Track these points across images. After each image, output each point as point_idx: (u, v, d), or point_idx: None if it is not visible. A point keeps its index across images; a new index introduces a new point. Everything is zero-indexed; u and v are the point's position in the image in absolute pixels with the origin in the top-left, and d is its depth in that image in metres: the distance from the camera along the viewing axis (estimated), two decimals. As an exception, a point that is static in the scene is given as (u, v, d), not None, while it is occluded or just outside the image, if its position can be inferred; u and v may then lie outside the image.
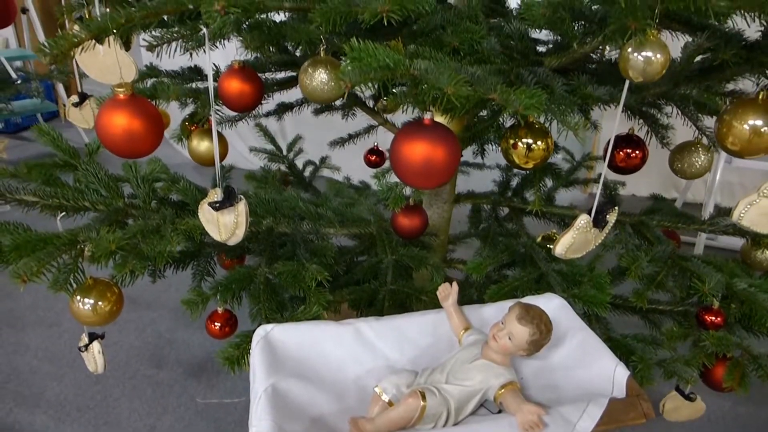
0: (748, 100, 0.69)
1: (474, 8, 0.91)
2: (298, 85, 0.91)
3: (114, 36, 0.86)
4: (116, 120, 0.66)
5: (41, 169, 0.99)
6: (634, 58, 0.57)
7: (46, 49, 0.59)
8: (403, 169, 0.70)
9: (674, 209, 1.33)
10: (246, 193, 1.27)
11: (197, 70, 1.21)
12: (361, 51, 0.64)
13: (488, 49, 0.85)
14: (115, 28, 0.63)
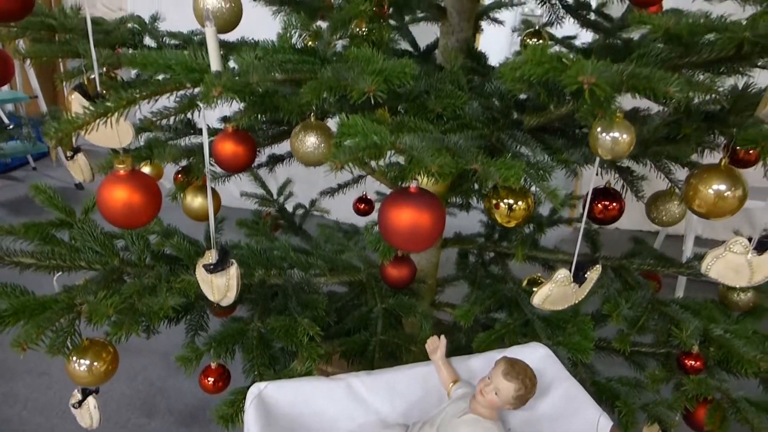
0: (712, 166, 0.74)
1: (456, 73, 0.96)
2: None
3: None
4: (116, 195, 0.69)
5: (37, 229, 1.01)
6: (603, 138, 0.61)
7: (51, 133, 0.62)
8: (391, 234, 0.74)
9: (654, 251, 1.38)
10: (238, 245, 1.30)
11: (190, 124, 1.25)
12: (350, 127, 0.69)
13: (470, 114, 0.89)
14: (118, 109, 0.66)
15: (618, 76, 0.56)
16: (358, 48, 0.83)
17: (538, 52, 0.59)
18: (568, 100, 0.79)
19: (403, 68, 0.76)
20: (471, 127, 0.88)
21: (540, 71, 0.59)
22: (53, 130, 0.62)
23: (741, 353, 0.97)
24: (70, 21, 1.07)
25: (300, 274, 1.23)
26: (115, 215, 0.70)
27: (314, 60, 0.88)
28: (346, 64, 0.84)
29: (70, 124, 0.63)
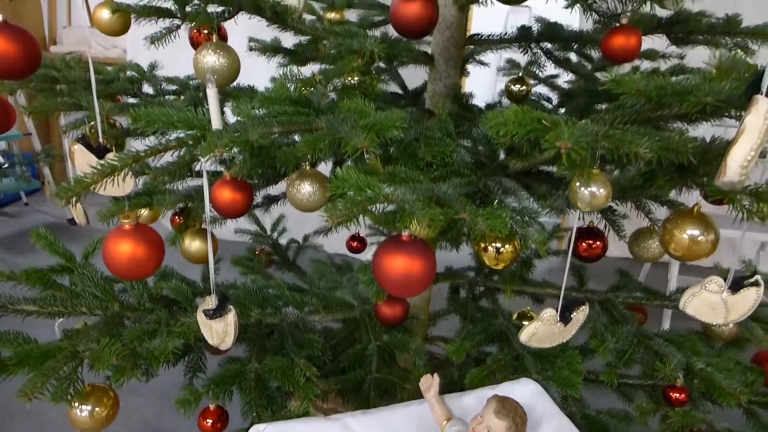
0: (686, 212, 0.79)
1: (445, 120, 1.01)
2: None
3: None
4: (122, 248, 0.72)
5: (39, 275, 1.03)
6: (581, 192, 0.66)
7: (62, 193, 0.66)
8: (385, 281, 0.78)
9: (639, 284, 1.42)
10: (234, 284, 1.32)
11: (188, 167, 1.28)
12: (344, 181, 0.73)
13: (458, 160, 0.94)
14: (125, 167, 0.70)
15: (593, 138, 0.61)
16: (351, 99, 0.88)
17: (521, 114, 0.64)
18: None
19: (394, 122, 0.80)
20: (459, 174, 0.92)
21: (522, 131, 0.64)
22: (64, 191, 0.66)
23: (723, 386, 1.00)
24: (72, 73, 1.11)
25: (295, 313, 1.26)
26: (120, 268, 0.73)
27: (309, 111, 0.93)
28: (340, 116, 0.88)
29: (80, 185, 0.67)
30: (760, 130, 0.44)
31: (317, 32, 1.09)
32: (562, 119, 0.65)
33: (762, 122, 0.44)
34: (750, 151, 0.44)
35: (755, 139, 0.44)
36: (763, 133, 0.44)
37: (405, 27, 0.85)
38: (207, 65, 0.90)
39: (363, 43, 0.90)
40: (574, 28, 1.25)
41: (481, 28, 1.52)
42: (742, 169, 0.45)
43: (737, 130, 0.46)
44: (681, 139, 0.67)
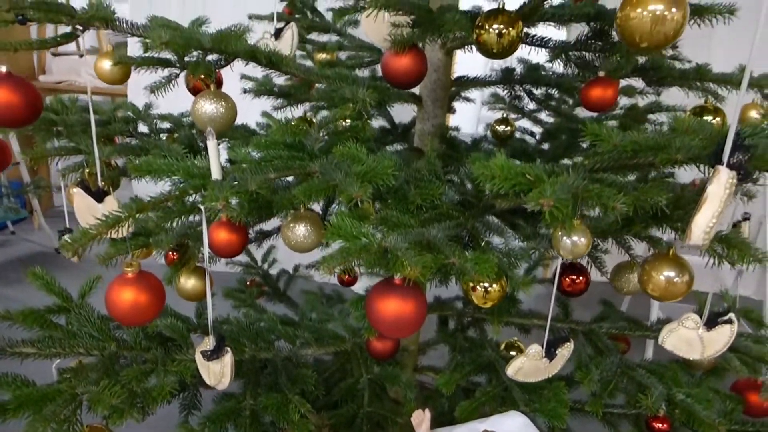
0: (662, 254, 0.84)
1: (433, 163, 1.06)
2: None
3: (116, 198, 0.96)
4: (124, 296, 0.75)
5: (35, 315, 1.05)
6: (563, 241, 0.70)
7: (68, 246, 0.68)
8: (377, 322, 0.81)
9: (621, 314, 1.47)
10: (228, 320, 1.35)
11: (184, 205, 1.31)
12: (339, 228, 0.76)
13: (446, 203, 0.98)
14: (129, 218, 0.73)
15: (573, 194, 0.65)
16: (344, 144, 0.92)
17: (506, 168, 0.68)
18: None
19: (386, 169, 0.85)
20: (448, 215, 0.96)
21: (507, 185, 0.68)
22: (70, 244, 0.68)
23: (702, 417, 1.04)
24: (70, 116, 1.14)
25: (288, 347, 1.28)
26: (123, 315, 0.75)
27: (303, 155, 0.97)
28: (333, 160, 0.92)
29: (86, 237, 0.69)
30: (720, 199, 0.48)
31: (310, 75, 1.13)
32: (544, 173, 0.69)
33: (722, 192, 0.48)
34: (712, 218, 0.48)
35: (716, 208, 0.48)
36: (723, 202, 0.48)
37: (396, 79, 0.89)
38: (205, 113, 0.94)
39: (355, 92, 0.94)
40: (556, 68, 1.31)
41: (465, 67, 1.58)
42: (705, 234, 0.49)
43: (701, 198, 0.50)
44: (655, 190, 0.72)
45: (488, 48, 0.83)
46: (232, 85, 1.19)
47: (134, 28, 0.96)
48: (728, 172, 0.49)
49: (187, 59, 0.96)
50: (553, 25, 0.98)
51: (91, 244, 0.81)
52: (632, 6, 0.63)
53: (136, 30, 0.96)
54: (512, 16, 0.83)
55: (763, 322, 1.43)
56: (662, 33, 0.62)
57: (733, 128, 0.52)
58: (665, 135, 0.71)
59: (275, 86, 1.29)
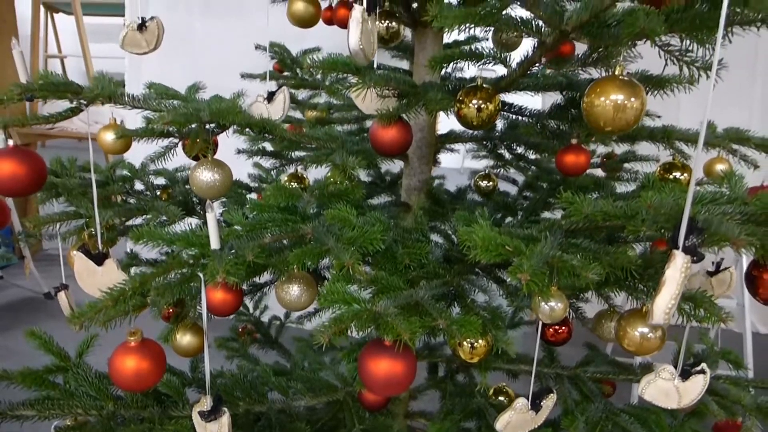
0: (636, 311, 0.89)
1: (420, 222, 1.11)
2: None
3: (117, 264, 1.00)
4: (127, 364, 0.78)
5: (34, 376, 1.07)
6: (542, 306, 0.75)
7: (75, 319, 0.72)
8: (369, 381, 0.85)
9: (606, 357, 1.51)
10: (222, 372, 1.37)
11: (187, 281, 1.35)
12: (332, 294, 0.81)
13: (433, 261, 1.03)
14: (133, 291, 0.77)
15: (550, 262, 0.71)
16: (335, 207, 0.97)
17: (487, 240, 0.74)
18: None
19: (375, 234, 0.90)
20: (435, 274, 1.01)
21: (488, 256, 0.74)
22: (77, 317, 0.72)
23: (683, 463, 1.08)
24: (71, 181, 1.18)
25: (281, 399, 1.31)
26: (126, 383, 0.78)
27: (296, 218, 1.02)
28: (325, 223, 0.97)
29: (92, 310, 0.73)
30: (678, 282, 0.54)
31: (301, 139, 1.19)
32: (522, 243, 0.75)
33: (679, 275, 0.54)
34: (670, 299, 0.54)
35: (674, 290, 0.54)
36: (680, 284, 0.54)
37: (383, 149, 0.95)
38: (203, 182, 0.99)
39: (345, 158, 1.00)
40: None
41: (449, 122, 1.66)
42: (665, 314, 0.55)
43: (660, 280, 0.56)
44: (626, 256, 0.78)
45: (468, 121, 0.90)
46: (226, 142, 1.24)
47: (136, 101, 1.02)
48: (683, 256, 0.54)
49: (185, 129, 1.02)
50: (530, 94, 1.05)
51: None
52: (596, 95, 0.70)
53: (137, 103, 1.01)
54: (490, 91, 0.89)
55: (741, 363, 1.48)
56: (624, 119, 0.69)
57: (688, 210, 0.58)
58: (632, 206, 0.78)
59: (268, 144, 1.35)
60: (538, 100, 1.28)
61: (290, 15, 1.23)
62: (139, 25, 1.18)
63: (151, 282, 0.80)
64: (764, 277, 0.74)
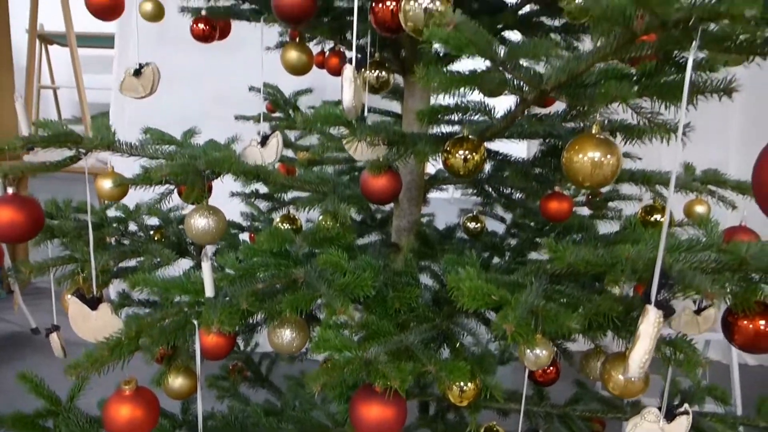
0: (620, 355, 0.92)
1: (410, 265, 1.14)
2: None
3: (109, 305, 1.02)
4: (122, 412, 0.79)
5: (25, 421, 1.07)
6: (527, 354, 0.78)
7: (72, 371, 0.74)
8: (360, 426, 0.86)
9: (595, 394, 1.53)
10: (213, 414, 1.37)
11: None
12: (325, 342, 0.83)
13: (423, 305, 1.06)
14: (129, 340, 0.79)
15: (534, 311, 0.73)
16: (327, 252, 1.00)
17: (474, 290, 0.77)
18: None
19: (365, 281, 0.93)
20: (424, 318, 1.03)
21: (474, 305, 0.76)
22: (74, 368, 0.73)
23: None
24: (67, 224, 1.20)
25: (273, 441, 1.31)
26: (119, 431, 0.79)
27: (288, 262, 1.04)
28: (317, 268, 1.00)
29: (90, 361, 0.75)
30: (651, 336, 0.57)
31: (294, 183, 1.22)
32: (507, 292, 0.78)
33: (652, 330, 0.57)
34: (644, 354, 0.57)
35: (648, 345, 0.57)
36: (654, 339, 0.57)
37: (373, 197, 0.98)
38: (198, 228, 1.01)
39: (336, 205, 1.03)
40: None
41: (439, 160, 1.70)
42: (640, 368, 0.57)
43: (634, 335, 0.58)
44: (608, 303, 0.81)
45: (455, 171, 0.93)
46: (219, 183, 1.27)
47: (134, 149, 1.05)
48: (656, 311, 0.57)
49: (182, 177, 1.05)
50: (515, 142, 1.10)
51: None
52: (575, 151, 0.74)
53: (135, 151, 1.04)
54: (476, 142, 0.93)
55: (728, 399, 1.50)
56: (601, 175, 0.73)
57: (659, 265, 0.61)
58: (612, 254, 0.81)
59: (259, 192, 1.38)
60: (524, 144, 1.33)
61: (284, 63, 1.28)
62: (135, 70, 1.22)
63: (147, 330, 0.81)
64: (739, 324, 0.77)
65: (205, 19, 1.17)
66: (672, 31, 0.54)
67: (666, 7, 0.49)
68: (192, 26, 1.18)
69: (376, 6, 0.89)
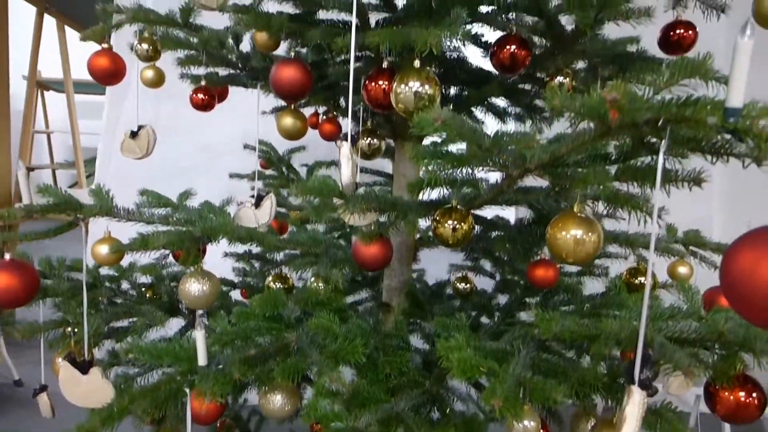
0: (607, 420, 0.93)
1: (400, 328, 1.16)
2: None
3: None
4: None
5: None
6: (516, 425, 0.79)
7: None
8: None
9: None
10: (200, 477, 1.35)
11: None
12: (316, 411, 0.84)
13: (413, 369, 1.07)
14: (120, 410, 0.79)
15: (522, 382, 0.75)
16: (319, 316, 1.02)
17: (462, 363, 0.78)
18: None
19: (356, 348, 0.94)
20: (415, 383, 1.05)
21: (464, 377, 0.78)
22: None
23: None
24: (62, 286, 1.21)
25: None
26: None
27: (280, 326, 1.06)
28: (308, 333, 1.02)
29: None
30: (636, 418, 0.59)
31: (287, 245, 1.25)
32: (496, 365, 0.80)
33: (637, 411, 0.59)
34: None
35: (634, 426, 0.59)
36: (639, 420, 0.59)
37: (365, 265, 1.01)
38: (192, 293, 1.03)
39: (328, 270, 1.06)
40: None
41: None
42: (626, 451, 0.60)
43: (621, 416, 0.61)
44: (593, 374, 0.83)
45: (444, 240, 0.96)
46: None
47: (131, 214, 1.07)
48: (640, 393, 0.60)
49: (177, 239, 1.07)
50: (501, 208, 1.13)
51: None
52: (558, 229, 0.77)
53: (133, 216, 1.07)
54: (464, 212, 0.97)
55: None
56: (584, 252, 0.76)
57: (641, 346, 0.64)
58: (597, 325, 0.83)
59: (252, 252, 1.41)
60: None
61: (279, 129, 1.32)
62: (132, 132, 1.26)
63: (139, 400, 0.82)
64: (720, 395, 0.79)
65: (204, 88, 1.22)
66: (643, 128, 0.59)
67: (635, 112, 0.53)
68: (191, 96, 1.23)
69: (368, 84, 0.94)
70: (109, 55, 1.20)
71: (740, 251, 0.42)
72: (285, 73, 0.95)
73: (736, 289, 0.42)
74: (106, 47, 1.19)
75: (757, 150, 0.48)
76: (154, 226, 1.10)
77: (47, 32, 4.14)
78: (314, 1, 1.04)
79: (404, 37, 0.81)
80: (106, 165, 2.97)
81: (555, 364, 0.86)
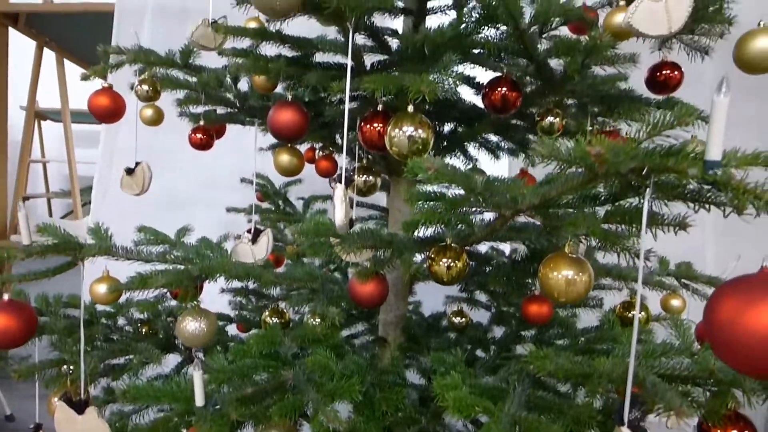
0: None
1: (396, 365, 1.16)
2: None
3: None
4: None
5: None
6: (512, 465, 0.80)
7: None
8: None
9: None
10: None
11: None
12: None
13: (410, 405, 1.07)
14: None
15: (517, 422, 0.76)
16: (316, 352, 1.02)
17: (459, 400, 0.79)
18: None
19: (353, 386, 0.95)
20: (411, 420, 1.05)
21: (461, 415, 0.79)
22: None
23: None
24: (59, 323, 1.21)
25: None
26: None
27: (277, 363, 1.06)
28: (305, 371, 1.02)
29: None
30: (627, 460, 0.60)
31: (283, 281, 1.26)
32: (491, 404, 0.81)
33: (628, 453, 0.60)
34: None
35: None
36: (629, 462, 0.60)
37: (361, 303, 1.02)
38: (189, 332, 1.04)
39: (325, 308, 1.07)
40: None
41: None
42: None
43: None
44: (587, 411, 0.84)
45: (439, 278, 0.98)
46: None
47: (130, 252, 1.09)
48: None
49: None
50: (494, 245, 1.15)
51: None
52: (550, 269, 0.79)
53: (132, 255, 1.08)
54: (458, 250, 0.99)
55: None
56: (575, 291, 0.78)
57: (629, 386, 0.65)
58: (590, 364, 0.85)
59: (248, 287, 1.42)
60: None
61: (276, 166, 1.35)
62: (129, 169, 1.28)
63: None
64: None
65: (202, 128, 1.24)
66: (629, 175, 0.61)
67: (620, 163, 0.56)
68: (190, 136, 1.25)
69: (364, 126, 0.97)
70: (109, 94, 1.23)
71: (721, 302, 0.44)
72: (282, 117, 0.98)
73: (719, 338, 0.44)
74: (107, 86, 1.21)
75: (736, 200, 0.50)
76: (152, 265, 1.11)
77: (45, 64, 4.18)
78: (311, 44, 1.08)
79: (398, 82, 0.84)
80: (101, 195, 2.98)
81: (550, 401, 0.87)
